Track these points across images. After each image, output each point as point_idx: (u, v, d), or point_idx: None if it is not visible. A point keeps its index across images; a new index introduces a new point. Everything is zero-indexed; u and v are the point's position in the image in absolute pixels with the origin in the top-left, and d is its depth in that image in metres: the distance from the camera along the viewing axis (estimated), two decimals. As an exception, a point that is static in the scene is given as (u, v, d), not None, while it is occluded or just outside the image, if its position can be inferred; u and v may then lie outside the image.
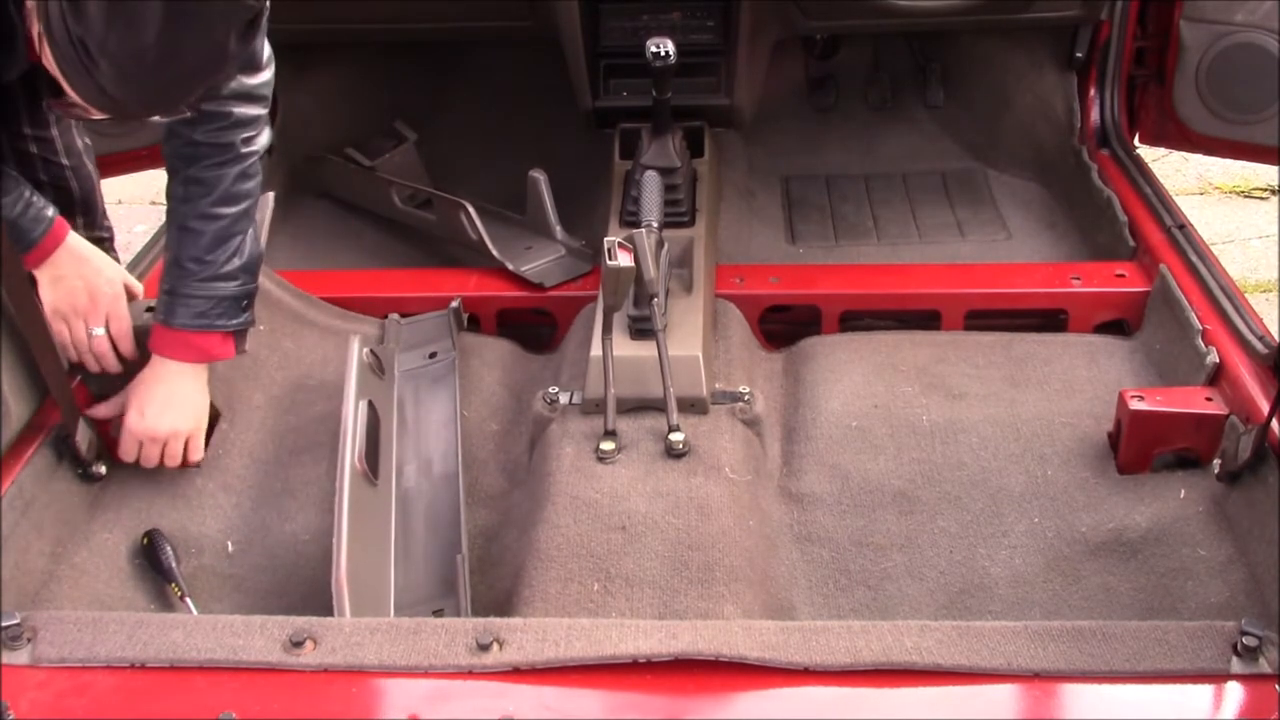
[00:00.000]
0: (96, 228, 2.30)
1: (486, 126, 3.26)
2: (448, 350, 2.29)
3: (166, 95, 1.53)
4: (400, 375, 2.22)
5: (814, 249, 2.79)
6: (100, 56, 1.42)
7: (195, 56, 1.49)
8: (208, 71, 1.52)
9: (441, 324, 2.35)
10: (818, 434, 2.08)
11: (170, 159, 1.89)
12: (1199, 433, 1.91)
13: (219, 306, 1.89)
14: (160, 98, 1.53)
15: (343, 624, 1.52)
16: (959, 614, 1.78)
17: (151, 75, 1.47)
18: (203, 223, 1.87)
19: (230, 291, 1.90)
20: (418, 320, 2.36)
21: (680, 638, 1.44)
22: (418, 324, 2.36)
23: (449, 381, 2.21)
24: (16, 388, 1.83)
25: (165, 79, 1.49)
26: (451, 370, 2.23)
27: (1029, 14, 2.74)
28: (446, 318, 2.35)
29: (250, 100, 1.86)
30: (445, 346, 2.31)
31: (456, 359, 2.26)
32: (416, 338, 2.33)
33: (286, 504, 1.98)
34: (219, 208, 1.87)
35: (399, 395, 2.17)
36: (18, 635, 1.48)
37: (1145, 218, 2.52)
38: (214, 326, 1.89)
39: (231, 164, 1.87)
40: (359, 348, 2.07)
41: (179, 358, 1.89)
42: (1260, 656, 1.41)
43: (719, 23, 2.72)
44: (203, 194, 1.87)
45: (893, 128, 3.22)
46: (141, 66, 1.45)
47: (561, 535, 1.78)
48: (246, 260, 1.91)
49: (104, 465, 1.95)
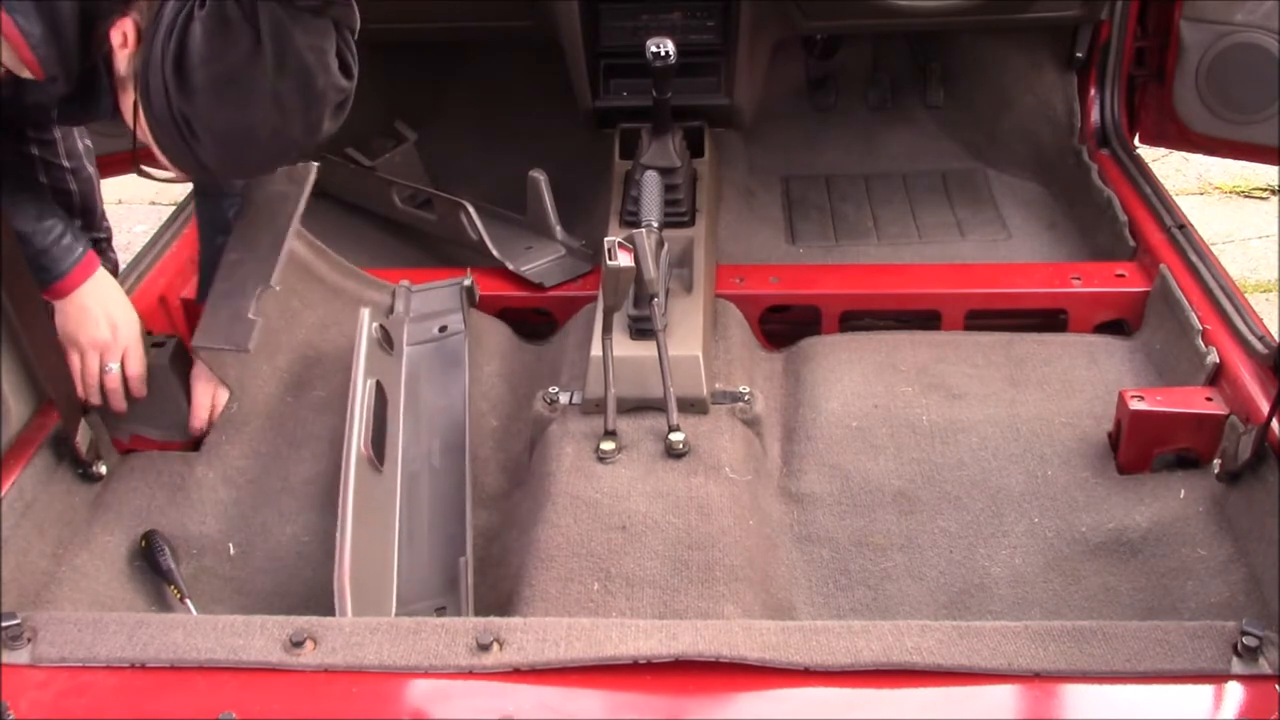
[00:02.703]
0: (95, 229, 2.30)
1: (486, 126, 3.26)
2: (458, 324, 2.28)
3: (260, 167, 1.65)
4: (409, 349, 2.20)
5: (814, 249, 2.79)
6: (203, 133, 1.51)
7: (294, 135, 1.56)
8: (301, 147, 1.60)
9: (452, 294, 2.33)
10: (818, 434, 2.08)
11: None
12: (1199, 433, 1.91)
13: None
14: (253, 169, 1.66)
15: (343, 624, 1.52)
16: (959, 614, 1.78)
17: (251, 152, 1.56)
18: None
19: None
20: (428, 289, 2.34)
21: (680, 638, 1.44)
22: (428, 292, 2.34)
23: (458, 360, 2.20)
24: (16, 388, 1.83)
25: (262, 155, 1.60)
26: (461, 347, 2.22)
27: (1029, 14, 2.74)
28: (457, 288, 2.33)
29: None
30: (456, 321, 2.29)
31: (467, 339, 2.24)
32: (427, 307, 2.31)
33: (287, 503, 1.98)
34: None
35: (407, 372, 2.16)
36: (18, 635, 1.48)
37: (1145, 218, 2.52)
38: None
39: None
40: (369, 321, 2.06)
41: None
42: (1260, 656, 1.41)
43: (719, 23, 2.72)
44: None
45: (893, 128, 3.22)
46: (243, 144, 1.54)
47: (562, 535, 1.78)
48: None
49: (104, 465, 1.95)
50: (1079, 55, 2.90)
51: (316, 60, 1.51)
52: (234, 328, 1.96)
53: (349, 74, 1.59)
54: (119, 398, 1.94)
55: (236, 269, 2.02)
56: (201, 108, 1.49)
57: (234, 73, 1.47)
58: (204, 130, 1.51)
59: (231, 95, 1.49)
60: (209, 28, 1.44)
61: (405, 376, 2.14)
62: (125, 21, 1.52)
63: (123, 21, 1.52)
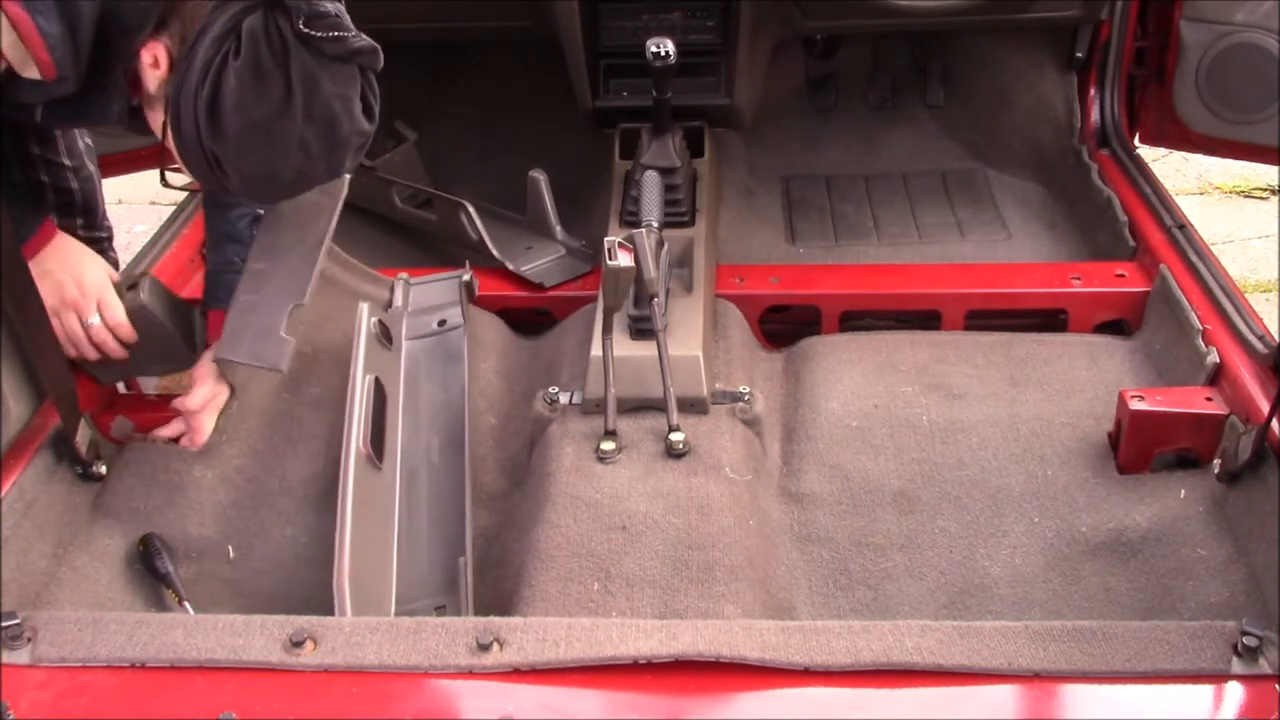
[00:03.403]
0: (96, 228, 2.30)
1: (486, 126, 3.26)
2: (457, 318, 2.28)
3: (282, 199, 1.72)
4: (408, 343, 2.20)
5: (814, 249, 2.79)
6: (231, 171, 1.57)
7: (318, 176, 1.64)
8: (321, 182, 1.67)
9: (451, 287, 2.33)
10: (818, 434, 2.08)
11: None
12: (1199, 433, 1.91)
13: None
14: (276, 200, 1.75)
15: (343, 624, 1.52)
16: (959, 614, 1.78)
17: (275, 189, 1.64)
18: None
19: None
20: (427, 281, 2.34)
21: (680, 638, 1.44)
22: (427, 286, 2.34)
23: (457, 355, 2.20)
24: (16, 388, 1.83)
25: (285, 192, 1.67)
26: (460, 342, 2.22)
27: (1029, 14, 2.74)
28: (456, 282, 2.33)
29: None
30: (455, 315, 2.29)
31: (466, 335, 2.24)
32: (426, 300, 2.31)
33: (285, 503, 1.98)
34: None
35: (406, 368, 2.16)
36: (18, 635, 1.48)
37: (1145, 218, 2.52)
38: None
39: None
40: (368, 316, 2.06)
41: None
42: (1260, 656, 1.41)
43: (719, 23, 2.72)
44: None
45: (893, 128, 3.22)
46: (268, 182, 1.61)
47: (562, 535, 1.78)
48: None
49: (104, 465, 1.95)
50: (1079, 55, 2.90)
51: (342, 108, 1.56)
52: (265, 344, 1.94)
53: (371, 117, 1.63)
54: (112, 345, 1.94)
55: (263, 280, 1.99)
56: (231, 150, 1.54)
57: (266, 121, 1.51)
58: (232, 170, 1.56)
59: (261, 142, 1.53)
60: (243, 76, 1.48)
61: (404, 372, 2.14)
62: (156, 45, 1.55)
63: (154, 45, 1.55)
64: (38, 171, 2.14)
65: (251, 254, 2.02)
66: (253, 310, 1.97)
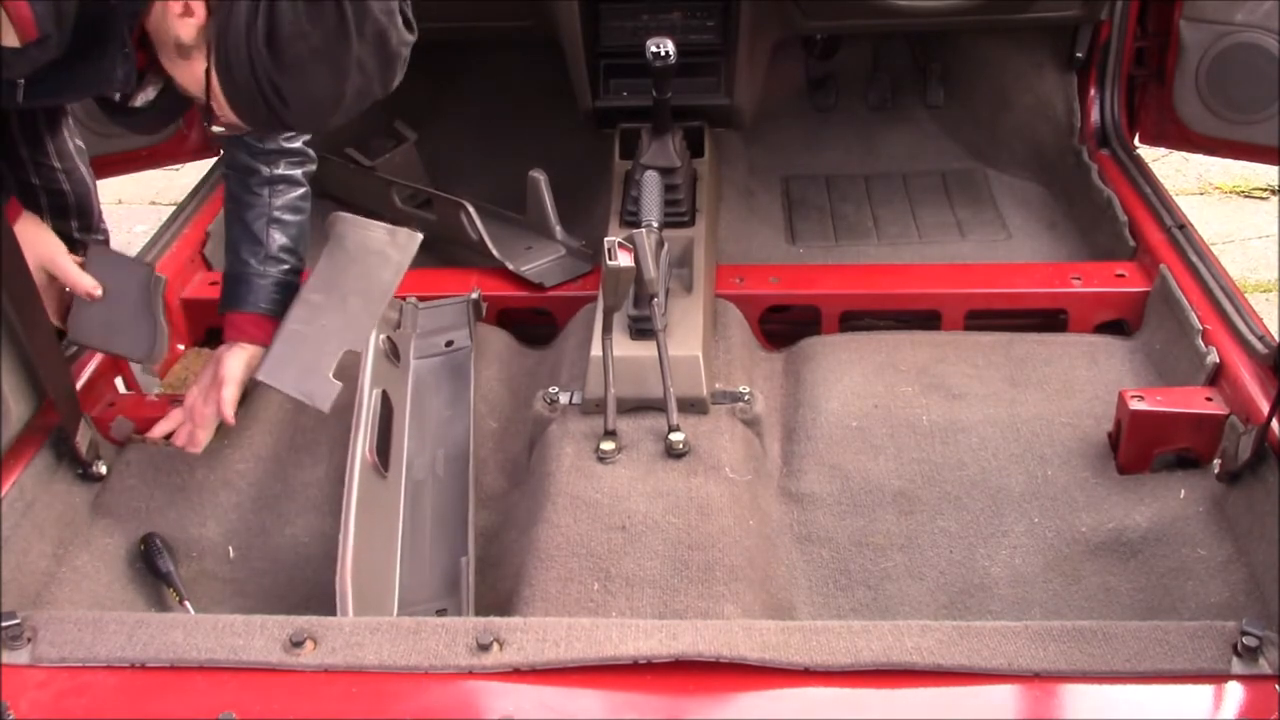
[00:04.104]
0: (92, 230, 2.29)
1: (486, 126, 3.26)
2: (465, 340, 2.29)
3: (332, 124, 1.68)
4: (415, 363, 2.21)
5: (814, 249, 2.79)
6: (294, 100, 1.57)
7: (375, 94, 1.65)
8: (378, 99, 1.67)
9: (459, 310, 2.34)
10: (818, 434, 2.08)
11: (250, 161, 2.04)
12: (1199, 433, 1.91)
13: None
14: (326, 125, 1.70)
15: (343, 624, 1.52)
16: (959, 614, 1.78)
17: (337, 113, 1.63)
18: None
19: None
20: (436, 305, 2.35)
21: (680, 638, 1.44)
22: (435, 310, 2.34)
23: (464, 373, 2.20)
24: (16, 388, 1.83)
25: (345, 115, 1.65)
26: (467, 361, 2.22)
27: (1029, 14, 2.74)
28: (465, 305, 2.34)
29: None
30: (462, 336, 2.29)
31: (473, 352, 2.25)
32: (434, 324, 2.32)
33: (286, 506, 1.98)
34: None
35: (413, 385, 2.16)
36: (18, 635, 1.48)
37: (1145, 218, 2.52)
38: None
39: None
40: (376, 333, 2.06)
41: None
42: (1260, 656, 1.41)
43: (719, 23, 2.72)
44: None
45: (893, 128, 3.22)
46: (332, 107, 1.61)
47: (561, 535, 1.78)
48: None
49: (104, 465, 1.95)
50: (1079, 55, 2.90)
51: (389, 21, 1.58)
52: (311, 381, 1.94)
53: (411, 28, 1.65)
54: (82, 284, 1.92)
55: (317, 313, 1.99)
56: (294, 80, 1.54)
57: (326, 44, 1.53)
58: (295, 98, 1.57)
59: (324, 68, 1.55)
60: (296, 3, 1.49)
61: (411, 388, 2.15)
62: None
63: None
64: (28, 174, 2.12)
65: (309, 283, 2.03)
66: (303, 342, 1.97)
